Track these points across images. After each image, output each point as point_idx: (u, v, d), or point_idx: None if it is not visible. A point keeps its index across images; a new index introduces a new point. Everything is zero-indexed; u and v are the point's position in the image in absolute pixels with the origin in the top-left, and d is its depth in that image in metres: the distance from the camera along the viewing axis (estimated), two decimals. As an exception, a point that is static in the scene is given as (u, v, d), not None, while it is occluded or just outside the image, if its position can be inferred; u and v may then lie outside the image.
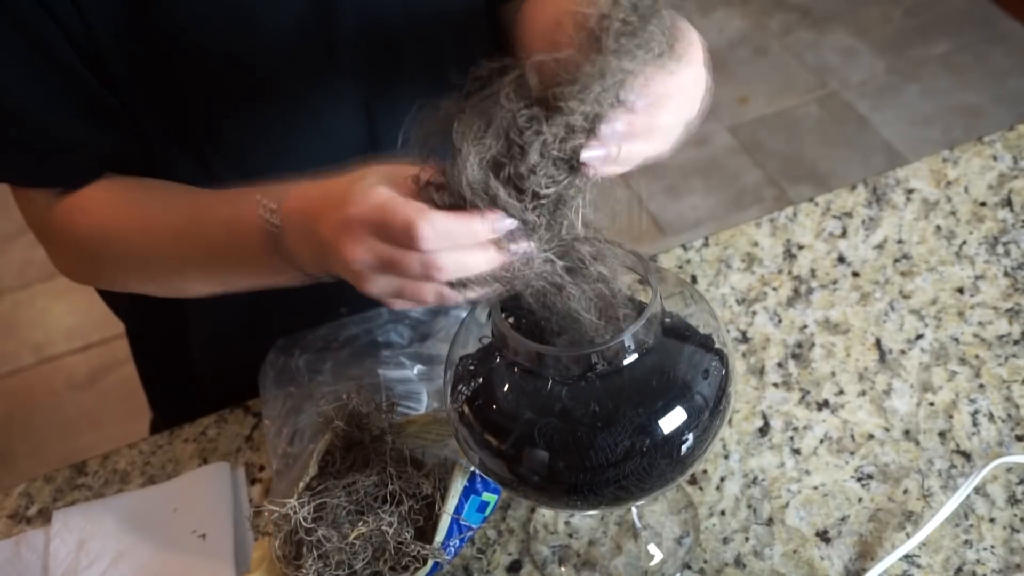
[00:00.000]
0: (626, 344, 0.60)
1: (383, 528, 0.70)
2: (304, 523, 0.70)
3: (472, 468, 0.72)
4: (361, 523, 0.71)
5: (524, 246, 0.58)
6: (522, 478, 0.63)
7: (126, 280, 0.83)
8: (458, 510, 0.72)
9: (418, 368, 0.87)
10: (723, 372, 0.64)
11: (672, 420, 0.61)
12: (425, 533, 0.72)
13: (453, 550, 0.73)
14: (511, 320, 0.62)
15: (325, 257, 0.62)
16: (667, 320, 0.64)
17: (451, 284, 0.59)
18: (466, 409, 0.64)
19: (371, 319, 0.91)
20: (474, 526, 0.74)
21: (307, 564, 0.69)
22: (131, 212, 0.78)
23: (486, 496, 0.74)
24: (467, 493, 0.73)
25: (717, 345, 0.65)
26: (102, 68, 0.76)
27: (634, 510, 0.79)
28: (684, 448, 0.62)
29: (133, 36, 0.75)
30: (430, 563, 0.70)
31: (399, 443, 0.76)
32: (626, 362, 0.61)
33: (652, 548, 0.78)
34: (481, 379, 0.64)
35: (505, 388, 0.63)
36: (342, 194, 0.60)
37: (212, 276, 0.76)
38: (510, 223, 0.57)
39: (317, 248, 0.63)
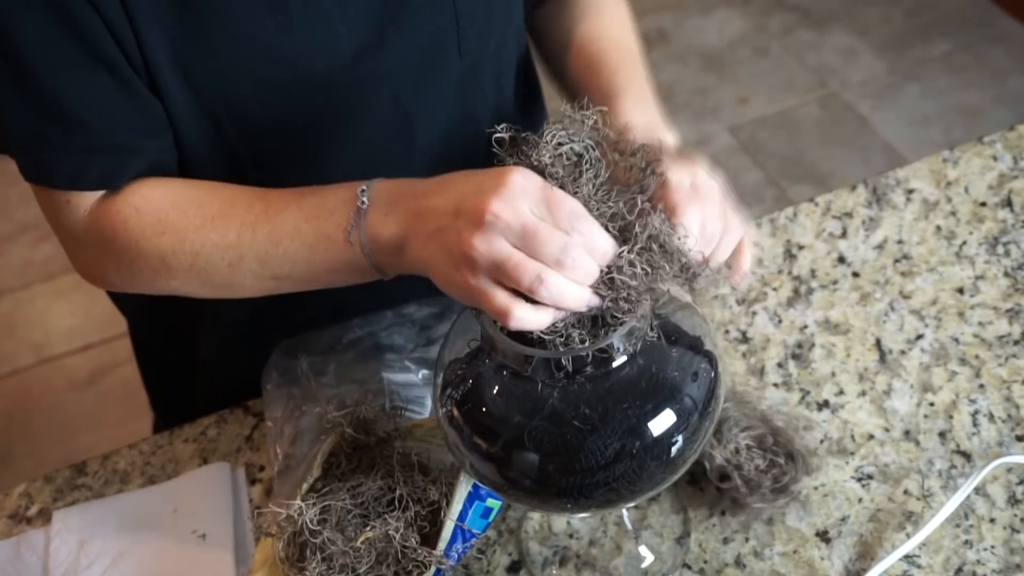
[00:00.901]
0: (615, 346, 0.60)
1: (390, 533, 0.70)
2: (310, 525, 0.70)
3: None
4: (369, 528, 0.70)
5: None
6: (512, 481, 0.63)
7: (170, 280, 0.79)
8: (462, 516, 0.72)
9: (423, 373, 0.87)
10: (712, 374, 0.64)
11: (661, 422, 0.61)
12: (429, 539, 0.72)
13: (457, 556, 0.73)
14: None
15: (429, 223, 0.64)
16: (656, 322, 0.64)
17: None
18: (455, 412, 0.64)
19: (375, 321, 0.91)
20: (477, 532, 0.74)
21: (311, 566, 0.69)
22: (187, 208, 0.77)
23: (490, 502, 0.74)
24: (471, 499, 0.73)
25: (707, 347, 0.65)
26: (149, 74, 0.75)
27: (625, 513, 0.79)
28: (674, 450, 0.62)
29: (185, 47, 0.74)
30: (433, 568, 0.70)
31: (406, 448, 0.76)
32: (615, 364, 0.61)
33: (651, 549, 0.78)
34: (470, 382, 0.64)
35: (494, 391, 0.63)
36: (491, 173, 0.63)
37: (269, 270, 0.75)
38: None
39: (416, 217, 0.65)
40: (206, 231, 0.75)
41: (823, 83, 2.52)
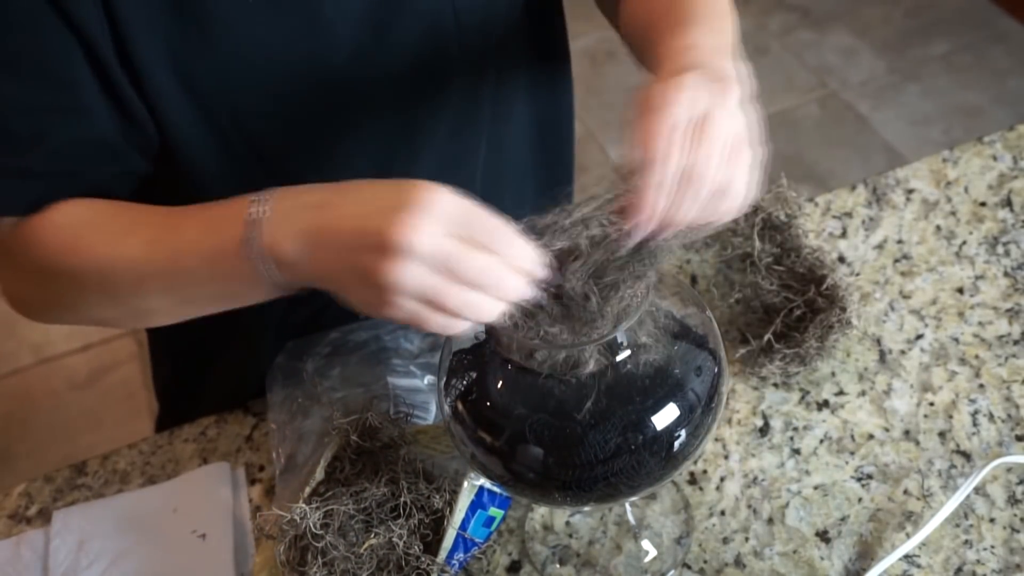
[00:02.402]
0: (619, 341, 0.61)
1: (393, 540, 0.70)
2: (313, 529, 0.69)
3: (479, 483, 0.72)
4: (373, 535, 0.70)
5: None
6: (514, 474, 0.63)
7: (85, 303, 0.75)
8: (464, 525, 0.72)
9: (428, 378, 0.86)
10: (715, 370, 0.65)
11: (663, 417, 0.61)
12: (431, 547, 0.72)
13: (458, 564, 0.73)
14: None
15: (336, 242, 0.59)
16: (661, 318, 0.64)
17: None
18: (459, 405, 0.65)
19: (381, 325, 0.91)
20: (479, 541, 0.74)
21: (312, 571, 0.69)
22: (100, 224, 0.73)
23: (492, 511, 0.74)
24: (474, 507, 0.73)
25: (710, 344, 0.65)
26: (140, 87, 0.73)
27: (628, 508, 0.79)
28: (676, 445, 0.62)
29: (187, 57, 0.73)
30: None
31: (411, 454, 0.76)
32: (618, 359, 0.61)
33: (651, 548, 0.78)
34: (474, 375, 0.65)
35: (498, 384, 0.63)
36: (403, 187, 0.57)
37: (174, 289, 0.70)
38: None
39: (320, 233, 0.60)
40: (112, 247, 0.71)
41: (823, 83, 2.52)
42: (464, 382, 0.65)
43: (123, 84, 0.73)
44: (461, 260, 0.56)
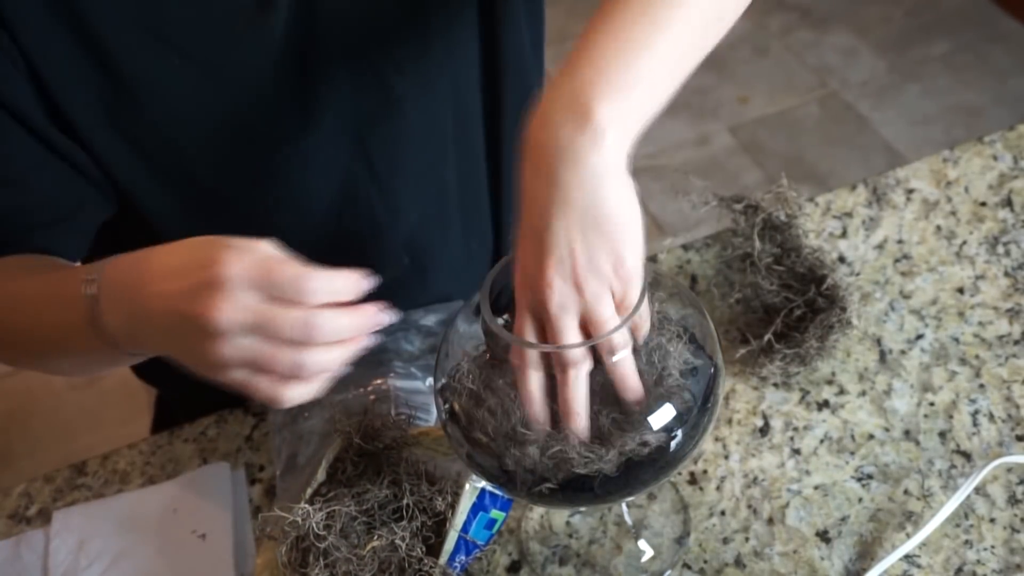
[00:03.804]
0: (616, 343, 0.61)
1: (396, 543, 0.70)
2: (316, 530, 0.69)
3: (480, 486, 0.72)
4: (376, 537, 0.70)
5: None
6: (511, 475, 0.63)
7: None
8: (465, 527, 0.72)
9: (429, 381, 0.86)
10: (711, 371, 0.65)
11: (659, 418, 0.61)
12: (433, 549, 0.72)
13: (460, 566, 0.73)
14: (501, 318, 0.62)
15: (155, 325, 0.59)
16: (656, 318, 0.64)
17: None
18: (456, 406, 0.65)
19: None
20: (481, 543, 0.74)
21: (314, 572, 0.69)
22: None
23: (494, 513, 0.74)
24: (475, 510, 0.72)
25: (707, 345, 0.66)
26: (79, 138, 0.74)
27: (625, 509, 0.79)
28: (672, 445, 0.62)
29: (118, 109, 0.73)
30: None
31: (413, 456, 0.76)
32: (614, 359, 0.61)
33: (651, 548, 0.78)
34: (471, 376, 0.65)
35: (494, 385, 0.63)
36: (200, 259, 0.57)
37: (65, 356, 0.72)
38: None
39: (139, 317, 0.60)
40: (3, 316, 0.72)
41: (823, 83, 2.52)
42: (459, 384, 0.65)
43: (70, 147, 0.73)
44: (276, 321, 0.55)
